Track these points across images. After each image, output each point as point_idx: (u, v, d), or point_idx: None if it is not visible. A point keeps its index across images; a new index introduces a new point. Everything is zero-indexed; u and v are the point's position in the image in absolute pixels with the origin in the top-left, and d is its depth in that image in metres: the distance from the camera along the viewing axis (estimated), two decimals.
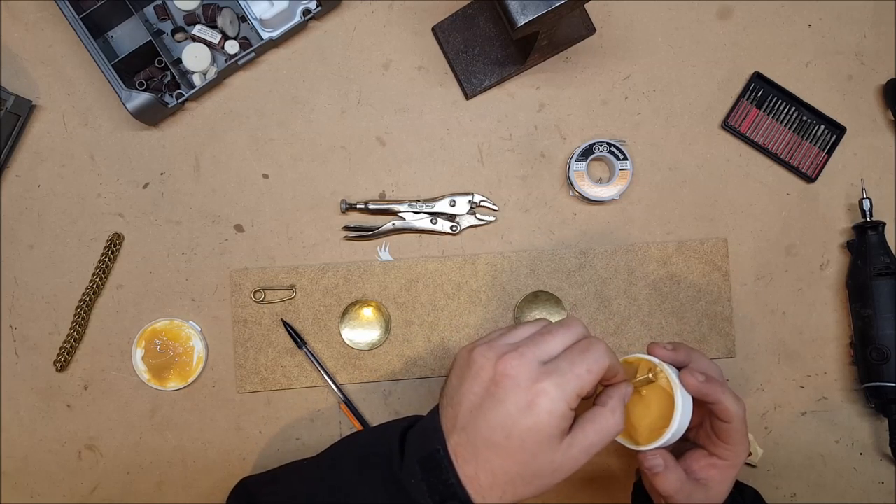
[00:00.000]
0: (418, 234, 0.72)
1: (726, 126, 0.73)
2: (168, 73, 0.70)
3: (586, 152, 0.71)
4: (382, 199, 0.72)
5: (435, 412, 0.49)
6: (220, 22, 0.69)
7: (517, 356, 0.45)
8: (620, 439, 0.54)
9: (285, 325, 0.70)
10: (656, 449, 0.53)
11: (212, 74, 0.70)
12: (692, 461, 0.55)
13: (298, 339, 0.70)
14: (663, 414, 0.53)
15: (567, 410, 0.45)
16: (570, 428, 0.46)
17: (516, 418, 0.44)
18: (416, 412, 0.71)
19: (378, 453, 0.49)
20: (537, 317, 0.71)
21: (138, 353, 0.70)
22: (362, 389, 0.71)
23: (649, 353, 0.55)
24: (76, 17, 0.66)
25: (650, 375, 0.53)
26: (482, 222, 0.71)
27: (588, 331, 0.50)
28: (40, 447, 0.70)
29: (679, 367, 0.55)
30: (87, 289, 0.70)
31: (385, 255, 0.72)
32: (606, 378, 0.49)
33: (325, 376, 0.70)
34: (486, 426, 0.45)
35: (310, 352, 0.70)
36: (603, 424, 0.47)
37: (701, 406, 0.54)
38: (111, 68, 0.66)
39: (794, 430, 0.73)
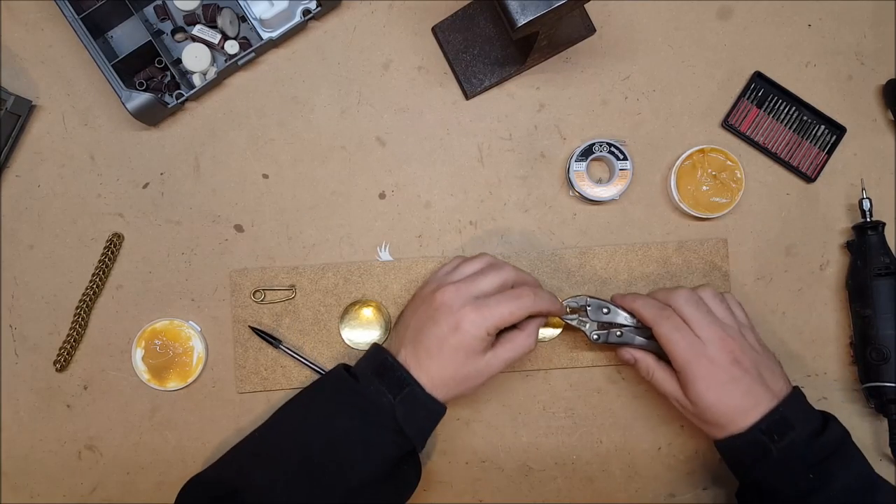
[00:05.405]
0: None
1: (726, 125, 0.73)
2: (168, 73, 0.70)
3: (586, 152, 0.71)
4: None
5: (377, 347, 0.63)
6: (220, 22, 0.69)
7: (454, 290, 0.60)
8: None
9: (254, 330, 0.70)
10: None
11: (212, 74, 0.70)
12: None
13: (271, 340, 0.70)
14: None
15: (485, 335, 0.59)
16: (494, 344, 0.61)
17: (447, 335, 0.59)
18: None
19: (333, 386, 0.62)
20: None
21: (138, 353, 0.70)
22: None
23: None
24: (76, 17, 0.66)
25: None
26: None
27: (519, 274, 0.63)
28: (40, 447, 0.70)
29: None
30: (87, 289, 0.70)
31: (385, 255, 0.72)
32: (539, 314, 0.62)
33: None
34: (426, 340, 0.60)
35: (287, 348, 0.70)
36: (518, 343, 0.62)
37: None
38: (111, 68, 0.66)
39: None
